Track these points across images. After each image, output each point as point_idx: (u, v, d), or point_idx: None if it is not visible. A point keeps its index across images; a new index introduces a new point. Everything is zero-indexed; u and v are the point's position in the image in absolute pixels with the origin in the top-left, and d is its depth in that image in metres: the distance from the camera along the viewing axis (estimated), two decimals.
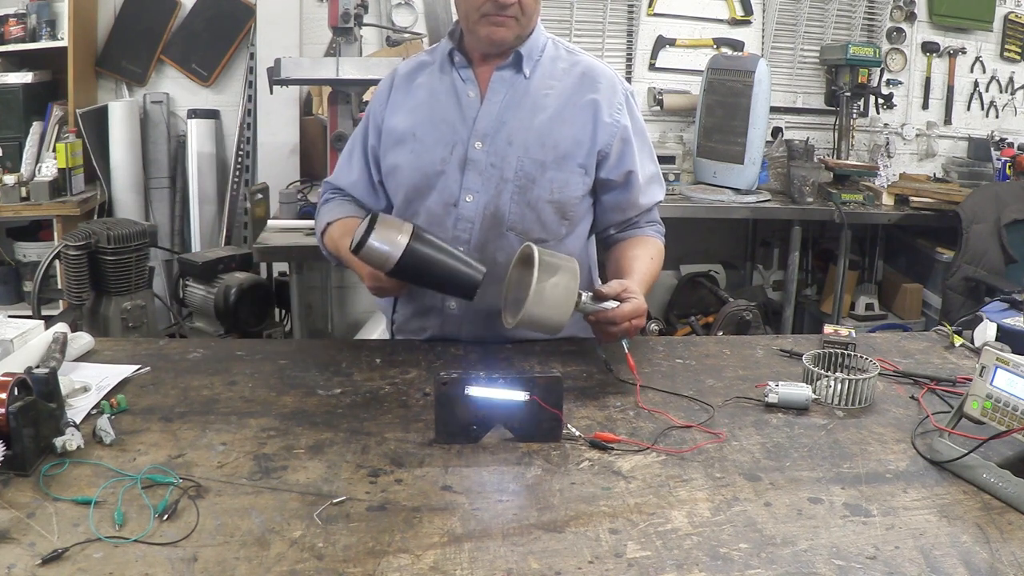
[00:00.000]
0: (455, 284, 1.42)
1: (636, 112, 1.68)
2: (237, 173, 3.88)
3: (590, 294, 1.42)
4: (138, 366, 1.44)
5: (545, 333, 1.43)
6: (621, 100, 1.64)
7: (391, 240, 1.36)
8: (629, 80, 3.92)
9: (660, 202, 1.75)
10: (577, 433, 1.23)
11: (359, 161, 1.72)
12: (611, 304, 1.42)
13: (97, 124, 3.67)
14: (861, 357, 1.47)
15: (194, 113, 3.83)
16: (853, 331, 1.67)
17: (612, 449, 1.20)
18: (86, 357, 1.50)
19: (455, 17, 1.61)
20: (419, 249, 1.37)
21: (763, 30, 4.19)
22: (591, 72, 1.64)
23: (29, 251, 3.59)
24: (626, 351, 1.43)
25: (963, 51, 4.31)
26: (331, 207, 1.72)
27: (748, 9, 4.15)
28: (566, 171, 1.59)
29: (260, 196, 3.12)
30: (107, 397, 1.30)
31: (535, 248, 1.38)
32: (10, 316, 1.56)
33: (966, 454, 1.14)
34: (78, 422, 1.20)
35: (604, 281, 1.62)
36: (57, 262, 2.58)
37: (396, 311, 1.74)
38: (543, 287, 1.35)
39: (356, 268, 1.53)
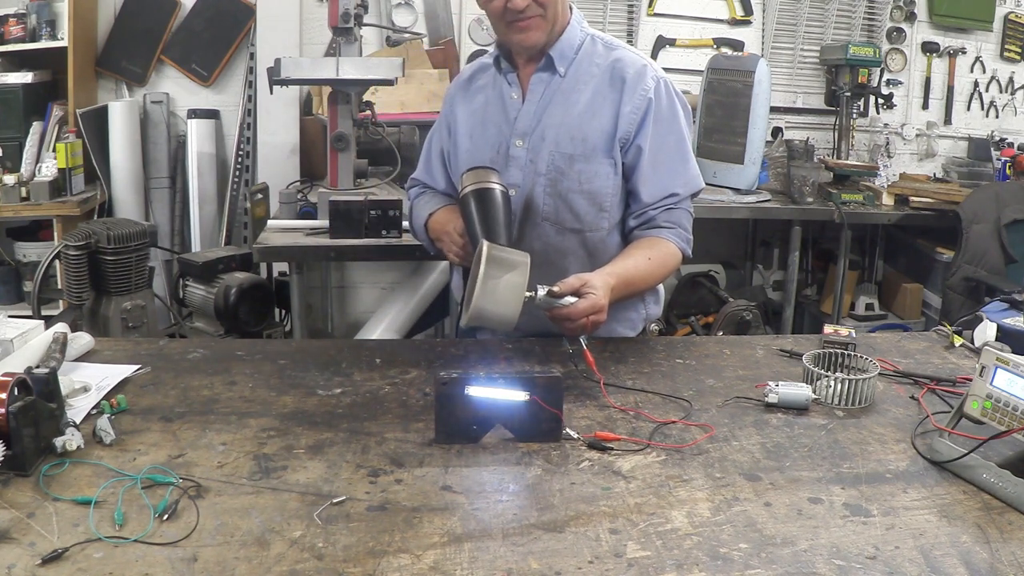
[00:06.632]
0: None
1: (665, 100, 1.66)
2: (237, 173, 3.88)
3: (547, 289, 1.41)
4: (138, 366, 1.44)
5: (498, 328, 1.43)
6: (648, 86, 1.64)
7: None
8: None
9: (676, 195, 1.68)
10: (575, 435, 1.23)
11: (438, 165, 1.85)
12: (569, 300, 1.42)
13: (97, 124, 3.66)
14: (861, 357, 1.47)
15: (194, 113, 3.82)
16: (853, 331, 1.66)
17: (612, 449, 1.20)
18: (86, 357, 1.50)
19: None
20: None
21: (763, 30, 4.20)
22: (620, 63, 1.68)
23: (29, 251, 3.58)
24: (584, 347, 1.42)
25: (963, 51, 4.31)
26: (426, 200, 1.83)
27: (748, 9, 4.15)
28: (595, 163, 1.64)
29: (260, 196, 3.11)
30: (107, 397, 1.30)
31: (486, 245, 1.39)
32: (10, 316, 1.56)
33: (966, 454, 1.14)
34: (78, 422, 1.20)
35: None
36: (57, 262, 2.57)
37: None
38: (491, 283, 1.36)
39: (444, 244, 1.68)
